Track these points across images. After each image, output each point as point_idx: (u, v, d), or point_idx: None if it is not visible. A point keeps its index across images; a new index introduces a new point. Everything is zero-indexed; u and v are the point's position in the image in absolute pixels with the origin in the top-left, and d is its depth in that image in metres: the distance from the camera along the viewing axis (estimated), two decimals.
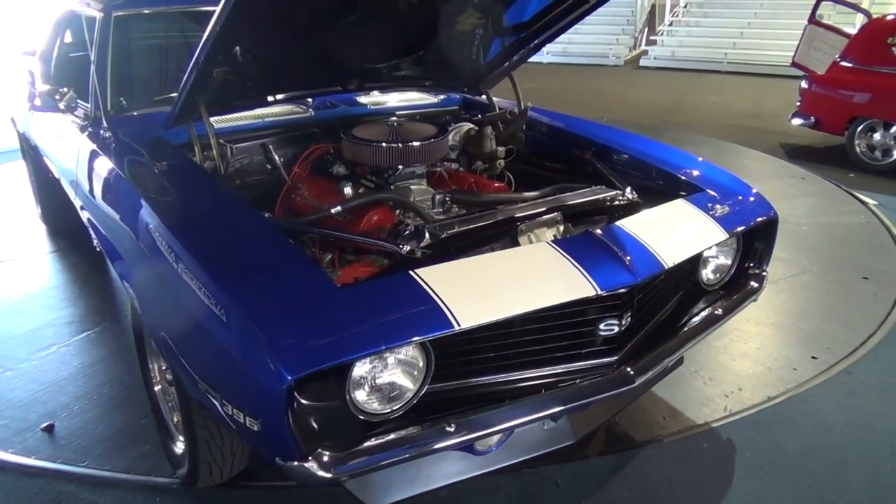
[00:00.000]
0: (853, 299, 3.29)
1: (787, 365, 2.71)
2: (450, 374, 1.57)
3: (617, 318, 1.67)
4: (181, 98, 2.01)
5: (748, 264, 2.18)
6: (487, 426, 1.51)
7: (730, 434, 2.30)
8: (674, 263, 1.75)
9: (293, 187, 2.30)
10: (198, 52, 1.83)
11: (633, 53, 13.40)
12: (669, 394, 2.48)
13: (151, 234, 1.76)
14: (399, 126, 2.27)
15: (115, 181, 2.15)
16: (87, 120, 2.56)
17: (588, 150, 2.47)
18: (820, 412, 2.41)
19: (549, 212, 1.93)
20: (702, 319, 1.98)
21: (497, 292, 1.52)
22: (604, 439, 2.24)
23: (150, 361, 2.14)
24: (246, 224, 1.78)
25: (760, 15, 12.45)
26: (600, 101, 9.13)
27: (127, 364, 2.65)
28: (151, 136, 2.28)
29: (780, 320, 3.08)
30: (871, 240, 4.07)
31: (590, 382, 1.67)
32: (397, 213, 2.03)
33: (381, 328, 1.37)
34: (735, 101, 9.06)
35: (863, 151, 5.76)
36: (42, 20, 3.95)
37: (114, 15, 2.62)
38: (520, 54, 2.67)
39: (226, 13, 1.67)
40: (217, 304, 1.43)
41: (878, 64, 5.65)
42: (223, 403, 1.42)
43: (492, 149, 2.52)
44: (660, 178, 2.29)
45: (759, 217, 2.09)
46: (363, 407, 1.45)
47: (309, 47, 2.23)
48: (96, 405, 2.44)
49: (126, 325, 3.00)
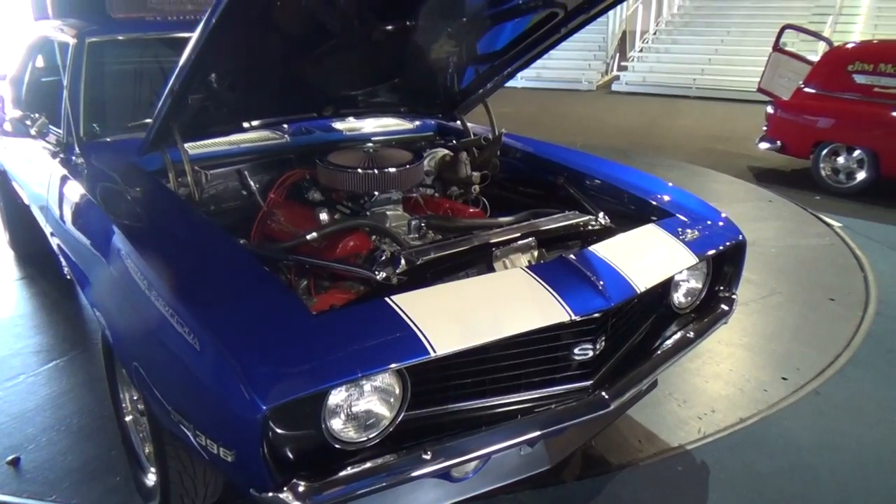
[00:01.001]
0: (821, 320, 3.36)
1: (759, 386, 2.75)
2: (426, 401, 1.57)
3: (591, 343, 1.69)
4: (155, 124, 2.01)
5: (718, 287, 2.22)
6: (464, 453, 1.51)
7: (704, 456, 2.32)
8: (646, 287, 1.78)
9: (269, 213, 2.29)
10: (173, 79, 1.83)
11: (605, 79, 13.67)
12: (644, 417, 2.50)
13: (124, 262, 1.75)
14: (375, 152, 2.29)
15: (87, 207, 2.13)
16: (59, 146, 2.53)
17: (561, 176, 2.51)
18: (791, 433, 2.45)
19: (524, 237, 1.95)
20: (674, 342, 2.01)
21: (473, 318, 1.53)
22: (580, 464, 2.25)
23: (121, 391, 2.10)
24: (220, 251, 1.77)
25: (727, 42, 12.82)
26: (574, 126, 9.27)
27: (97, 394, 2.59)
28: (125, 163, 2.26)
29: (751, 342, 3.13)
30: (836, 261, 4.18)
31: (565, 407, 1.67)
32: (373, 239, 2.03)
33: (357, 355, 1.37)
34: (704, 125, 9.27)
35: (828, 174, 5.92)
36: (12, 45, 3.91)
37: (87, 41, 2.61)
38: (494, 81, 2.72)
39: (202, 40, 1.68)
40: (190, 331, 1.42)
41: (839, 90, 5.84)
42: (196, 434, 1.40)
43: (467, 174, 2.54)
44: (631, 204, 2.33)
45: (728, 241, 2.13)
46: (339, 436, 1.44)
47: (284, 74, 2.24)
48: (65, 436, 2.38)
49: (96, 354, 2.91)
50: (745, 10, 13.42)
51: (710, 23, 13.56)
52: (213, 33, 1.65)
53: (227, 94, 2.13)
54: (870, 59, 5.73)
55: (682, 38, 13.60)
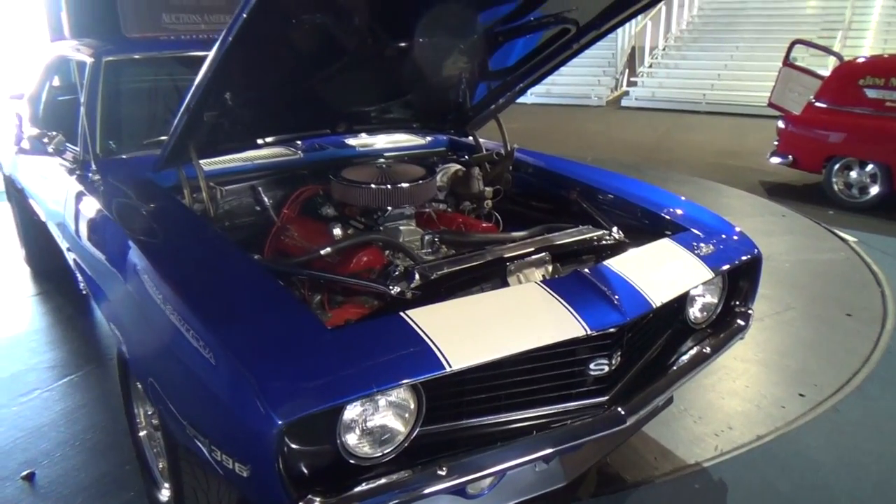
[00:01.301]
0: (837, 336, 3.33)
1: (776, 403, 2.72)
2: (441, 417, 1.56)
3: (607, 358, 1.68)
4: (171, 141, 2.03)
5: (734, 302, 2.20)
6: (480, 469, 1.50)
7: (721, 474, 2.29)
8: (662, 302, 1.77)
9: (282, 229, 2.30)
10: (189, 97, 1.85)
11: (615, 94, 13.69)
12: (660, 433, 2.47)
13: (139, 277, 1.76)
14: (388, 168, 2.30)
15: (104, 223, 2.15)
16: (75, 163, 2.56)
17: (574, 190, 2.51)
18: (809, 451, 2.41)
19: (538, 252, 1.95)
20: (690, 358, 1.99)
21: (488, 333, 1.53)
22: (595, 481, 2.23)
23: (136, 406, 2.11)
24: (235, 266, 1.78)
25: (737, 57, 12.82)
26: (584, 141, 9.29)
27: (111, 409, 2.60)
28: (140, 179, 2.29)
29: (766, 357, 3.10)
30: (852, 276, 4.13)
31: (581, 423, 1.66)
32: (387, 253, 2.04)
33: (373, 370, 1.37)
34: (714, 140, 9.25)
35: (840, 189, 5.88)
36: (30, 65, 3.98)
37: (104, 60, 2.65)
38: (505, 97, 2.73)
39: (218, 58, 1.69)
40: (205, 346, 1.42)
41: (851, 104, 5.81)
42: (211, 448, 1.40)
43: (479, 189, 2.55)
44: (645, 218, 2.33)
45: (744, 255, 2.12)
46: (354, 451, 1.43)
47: (298, 91, 2.26)
48: (78, 452, 2.39)
49: (110, 369, 2.96)
50: (753, 26, 13.44)
51: (720, 38, 13.58)
52: (228, 51, 1.67)
53: (241, 110, 2.15)
54: (881, 74, 5.71)
55: (691, 54, 13.63)
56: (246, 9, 1.54)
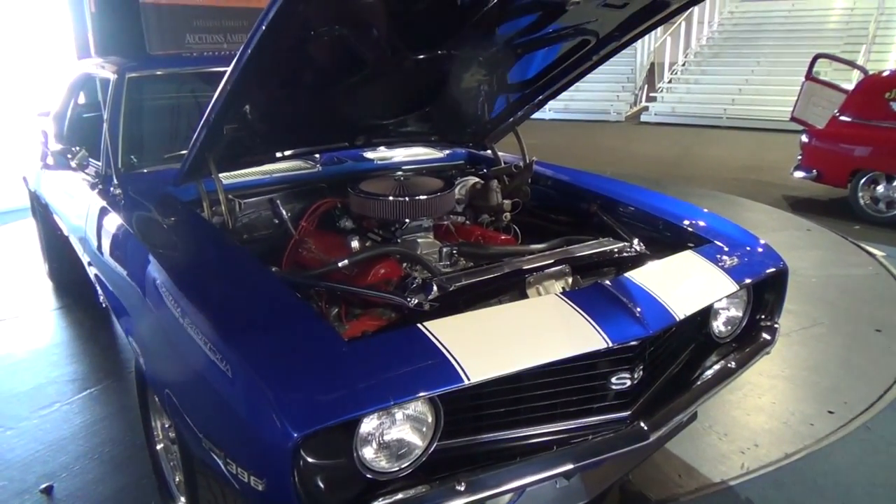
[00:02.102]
0: (867, 352, 3.24)
1: (804, 420, 2.64)
2: (459, 431, 1.53)
3: (629, 372, 1.64)
4: (191, 155, 2.04)
5: (759, 316, 2.15)
6: (499, 484, 1.46)
7: (748, 493, 2.22)
8: (685, 315, 1.73)
9: (300, 242, 2.30)
10: (208, 111, 1.86)
11: (634, 109, 13.65)
12: (684, 450, 2.41)
13: (158, 289, 1.76)
14: (406, 180, 2.29)
15: (124, 237, 2.17)
16: (98, 177, 2.59)
17: (593, 203, 2.48)
18: (841, 471, 2.34)
19: (557, 264, 1.92)
20: (715, 373, 1.94)
21: (507, 345, 1.50)
22: (618, 499, 2.17)
23: (153, 419, 2.10)
24: (253, 279, 1.78)
25: (757, 72, 12.73)
26: (603, 156, 9.25)
27: (129, 423, 2.61)
28: (161, 193, 2.30)
29: (793, 373, 3.02)
30: (881, 292, 4.04)
31: (603, 438, 1.62)
32: (404, 266, 2.02)
33: (390, 383, 1.35)
34: (736, 155, 9.16)
35: (867, 203, 5.79)
36: (56, 82, 4.06)
37: (127, 77, 2.69)
38: (524, 110, 2.72)
39: (236, 72, 1.70)
40: (222, 359, 1.41)
41: (877, 118, 5.73)
42: (227, 462, 1.38)
43: (498, 202, 2.53)
44: (666, 230, 2.29)
45: (769, 268, 2.07)
46: (371, 465, 1.40)
47: (317, 104, 2.27)
48: (97, 465, 2.39)
49: (129, 383, 2.96)
50: (775, 40, 13.36)
51: (740, 53, 13.51)
52: (247, 64, 1.68)
53: (260, 124, 2.16)
54: None
55: (711, 69, 13.56)
56: (265, 22, 1.55)
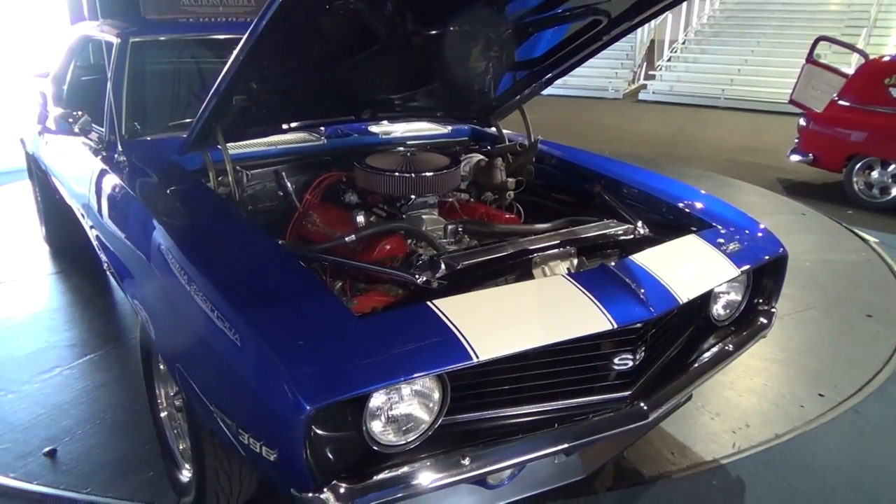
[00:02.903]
0: (858, 337, 3.30)
1: (794, 402, 2.70)
2: (465, 407, 1.56)
3: (631, 353, 1.67)
4: (199, 124, 2.03)
5: (758, 300, 2.19)
6: (502, 459, 1.50)
7: (739, 471, 2.28)
8: (688, 298, 1.76)
9: (304, 215, 2.30)
10: (219, 81, 1.85)
11: (632, 87, 13.59)
12: (677, 429, 2.47)
13: (164, 257, 1.77)
14: (412, 156, 2.29)
15: (129, 203, 2.16)
16: (100, 143, 2.57)
17: (597, 184, 2.49)
18: (829, 452, 2.40)
19: (563, 245, 1.94)
20: (712, 355, 1.98)
21: (515, 325, 1.52)
22: (612, 475, 2.22)
23: (157, 387, 2.12)
24: (261, 249, 1.78)
25: (757, 52, 12.67)
26: (601, 134, 9.22)
27: (131, 389, 2.63)
28: (165, 161, 2.30)
29: (786, 357, 3.08)
30: (873, 277, 4.09)
31: (603, 417, 1.66)
32: (409, 242, 2.03)
33: (401, 359, 1.37)
34: (733, 136, 9.17)
35: (861, 189, 5.81)
36: (52, 45, 4.00)
37: (131, 41, 2.66)
38: (531, 88, 2.71)
39: (250, 44, 1.69)
40: (231, 328, 1.43)
41: (875, 104, 5.73)
42: (238, 432, 1.41)
43: (501, 180, 2.53)
44: (669, 213, 2.31)
45: (770, 253, 2.10)
46: (378, 438, 1.43)
47: (326, 77, 2.26)
48: (99, 430, 2.42)
49: (130, 349, 2.98)
50: (775, 21, 13.27)
51: (741, 33, 13.42)
52: (261, 36, 1.66)
53: (269, 95, 2.15)
54: None
55: (710, 48, 13.48)
56: None
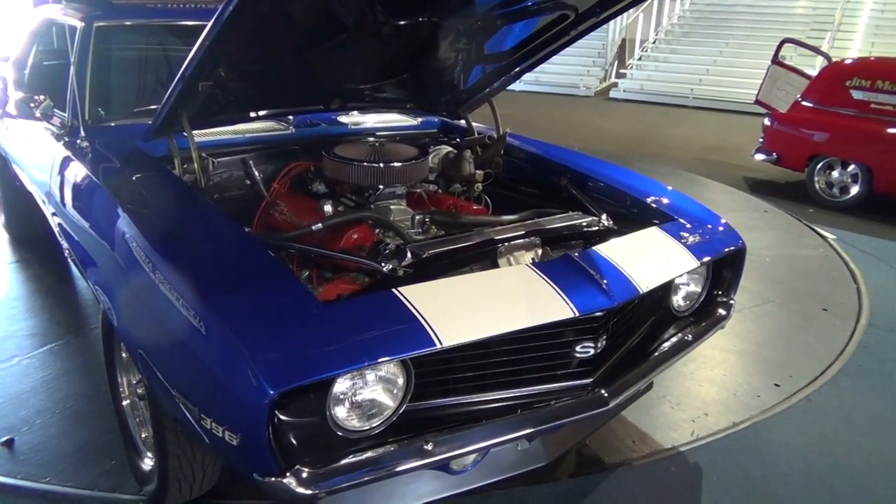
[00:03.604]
0: (813, 329, 3.40)
1: (752, 392, 2.78)
2: (429, 393, 1.58)
3: (593, 341, 1.71)
4: (164, 110, 2.01)
5: (717, 292, 2.24)
6: (465, 445, 1.52)
7: (697, 458, 2.34)
8: (648, 288, 1.80)
9: (272, 204, 2.29)
10: (185, 66, 1.83)
11: (604, 85, 13.72)
12: (638, 418, 2.52)
13: (128, 244, 1.75)
14: (380, 146, 2.30)
15: (92, 190, 2.13)
16: (63, 129, 2.53)
17: (564, 177, 2.53)
18: (783, 439, 2.48)
19: (528, 235, 1.97)
20: (672, 345, 2.03)
21: (478, 312, 1.55)
22: (574, 462, 2.27)
23: (119, 375, 2.10)
24: (227, 237, 1.78)
25: (726, 53, 12.90)
26: (571, 131, 9.31)
27: (92, 378, 2.59)
28: (130, 148, 2.27)
29: (744, 348, 3.17)
30: (829, 273, 4.22)
31: (565, 404, 1.69)
32: (377, 232, 2.04)
33: (364, 345, 1.38)
34: (701, 135, 9.33)
35: (822, 188, 5.97)
36: (14, 28, 3.90)
37: (95, 25, 2.61)
38: (500, 81, 2.73)
39: (216, 29, 1.68)
40: (196, 315, 1.43)
41: (837, 105, 5.88)
42: (200, 417, 1.41)
43: (470, 172, 2.55)
44: (634, 207, 2.35)
45: (729, 246, 2.16)
46: (343, 423, 1.44)
47: (294, 66, 2.25)
48: (59, 420, 2.38)
49: (91, 339, 2.94)
50: (744, 23, 13.51)
51: (710, 34, 13.64)
52: (228, 22, 1.65)
53: (236, 82, 2.14)
54: (868, 76, 5.78)
55: (681, 48, 13.68)
56: None
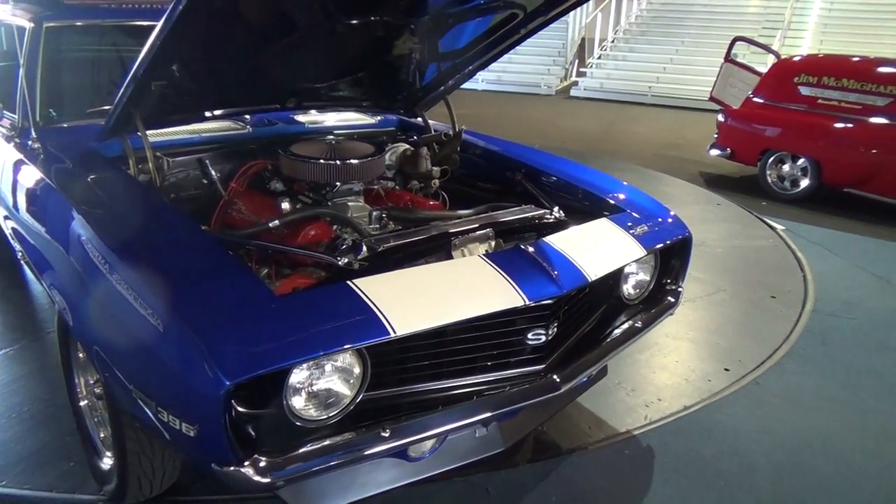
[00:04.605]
0: (762, 316, 3.54)
1: (703, 377, 2.89)
2: (385, 382, 1.62)
3: (544, 329, 1.77)
4: (117, 110, 2.01)
5: (665, 280, 2.33)
6: (421, 431, 1.57)
7: (649, 441, 2.43)
8: (596, 277, 1.87)
9: (229, 202, 2.30)
10: (136, 65, 1.84)
11: (564, 84, 13.91)
12: (594, 404, 2.60)
13: (84, 246, 1.75)
14: (337, 144, 2.33)
15: (45, 192, 2.12)
16: (13, 130, 2.50)
17: (519, 172, 2.59)
18: (731, 420, 2.58)
19: (482, 228, 2.02)
20: (623, 332, 2.11)
21: (432, 302, 1.59)
22: (532, 448, 2.33)
23: (76, 376, 2.09)
24: (183, 235, 1.79)
25: (682, 52, 13.19)
26: (533, 129, 9.43)
27: (49, 382, 2.57)
28: (83, 149, 2.26)
29: (696, 336, 3.28)
30: (778, 262, 4.38)
31: (519, 389, 1.75)
32: (335, 228, 2.07)
33: (319, 335, 1.42)
34: (658, 131, 9.54)
35: (773, 181, 6.16)
36: None
37: (45, 25, 2.59)
38: (455, 79, 2.79)
39: (168, 27, 1.69)
40: (153, 313, 1.44)
41: (786, 101, 6.08)
42: (158, 410, 1.42)
43: (427, 169, 2.60)
44: (585, 199, 2.43)
45: (675, 236, 2.24)
46: (300, 413, 1.48)
47: (248, 64, 2.26)
48: (16, 423, 2.35)
49: (46, 344, 2.91)
50: (699, 22, 13.83)
51: (666, 32, 13.92)
52: (179, 20, 1.66)
53: (190, 82, 2.14)
54: (814, 72, 5.98)
55: (638, 47, 13.93)
56: None
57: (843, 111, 5.70)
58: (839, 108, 5.73)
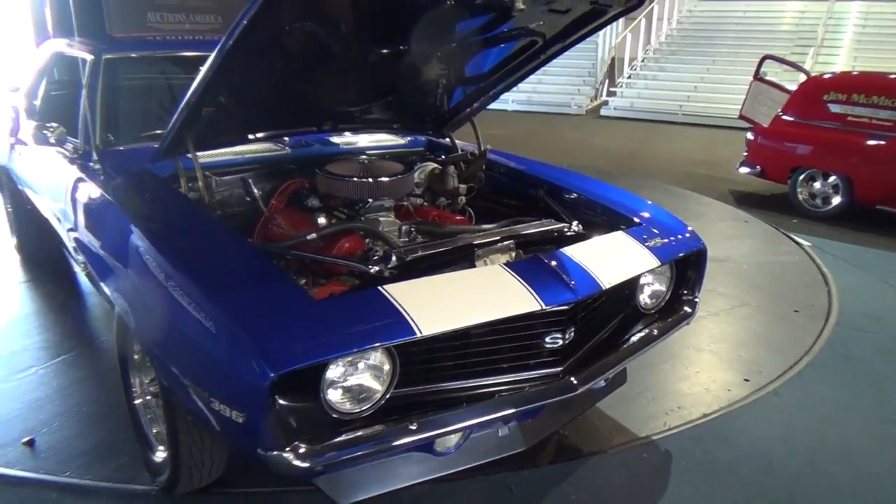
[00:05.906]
0: (785, 329, 3.59)
1: (723, 387, 2.96)
2: (413, 380, 1.76)
3: (561, 333, 1.89)
4: (171, 133, 2.21)
5: (682, 291, 2.43)
6: (446, 425, 1.70)
7: (668, 446, 2.52)
8: (610, 285, 1.99)
9: (270, 218, 2.49)
10: (189, 93, 2.04)
11: (594, 103, 14.00)
12: (616, 411, 2.70)
13: (142, 257, 1.94)
14: (369, 163, 2.50)
15: (106, 208, 2.33)
16: (76, 153, 2.73)
17: (541, 189, 2.73)
18: (749, 427, 2.65)
19: (504, 240, 2.16)
20: (639, 339, 2.21)
21: (455, 306, 1.74)
22: (554, 450, 2.44)
23: (133, 375, 2.28)
24: (231, 246, 1.97)
25: (713, 70, 13.19)
26: (562, 148, 9.55)
27: (104, 385, 2.77)
28: (138, 169, 2.47)
29: (719, 348, 3.35)
30: (803, 277, 4.41)
31: (537, 389, 1.87)
32: (367, 241, 2.23)
33: (353, 334, 1.57)
34: (688, 150, 9.56)
35: (804, 199, 6.14)
36: (26, 60, 4.13)
37: (104, 57, 2.83)
38: (480, 101, 2.95)
39: (218, 60, 1.89)
40: (206, 317, 1.61)
41: (816, 119, 6.09)
42: (210, 401, 1.59)
43: (454, 186, 2.76)
44: (604, 214, 2.55)
45: (690, 248, 2.35)
46: (336, 406, 1.63)
47: (288, 91, 2.46)
48: (75, 422, 2.55)
49: (101, 351, 3.12)
50: (730, 40, 13.84)
51: (697, 51, 13.96)
52: (229, 53, 1.86)
53: (236, 108, 2.34)
54: (844, 90, 5.98)
55: (669, 66, 13.98)
56: (246, 16, 1.74)
57: (873, 128, 5.70)
58: (870, 125, 5.73)
